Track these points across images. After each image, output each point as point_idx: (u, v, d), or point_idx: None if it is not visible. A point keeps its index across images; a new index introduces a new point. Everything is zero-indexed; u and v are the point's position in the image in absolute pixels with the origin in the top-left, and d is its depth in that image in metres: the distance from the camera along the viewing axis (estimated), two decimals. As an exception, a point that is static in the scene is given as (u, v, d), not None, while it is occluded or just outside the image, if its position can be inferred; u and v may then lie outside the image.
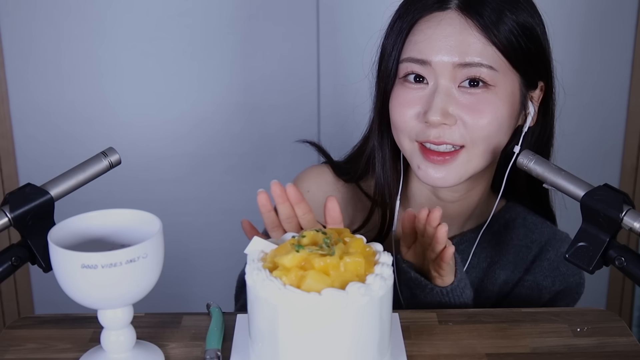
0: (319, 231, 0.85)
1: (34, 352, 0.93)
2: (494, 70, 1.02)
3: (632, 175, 2.23)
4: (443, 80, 1.02)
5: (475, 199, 1.15)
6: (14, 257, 0.87)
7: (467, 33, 1.01)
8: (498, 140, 1.05)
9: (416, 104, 1.04)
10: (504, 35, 1.02)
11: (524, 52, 1.04)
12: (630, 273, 0.86)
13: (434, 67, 1.02)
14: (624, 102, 2.18)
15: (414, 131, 1.04)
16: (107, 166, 0.94)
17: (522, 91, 1.07)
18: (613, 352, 0.92)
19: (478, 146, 1.04)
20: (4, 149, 2.16)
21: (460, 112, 1.02)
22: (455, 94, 1.02)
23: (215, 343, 0.90)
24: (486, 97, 1.02)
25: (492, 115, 1.02)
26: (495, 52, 1.02)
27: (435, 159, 1.04)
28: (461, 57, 1.01)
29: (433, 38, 1.02)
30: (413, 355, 0.91)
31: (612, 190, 0.87)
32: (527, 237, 1.18)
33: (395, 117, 1.06)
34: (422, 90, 1.04)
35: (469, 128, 1.02)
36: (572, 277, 1.16)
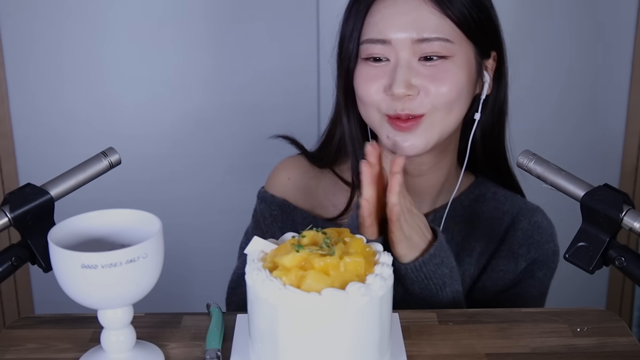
0: (318, 231, 0.85)
1: (34, 352, 0.93)
2: (450, 43, 1.07)
3: (632, 175, 2.23)
4: (403, 54, 1.07)
5: (444, 172, 1.19)
6: (14, 257, 0.87)
7: (422, 9, 1.06)
8: (459, 106, 1.10)
9: (380, 78, 1.08)
10: (457, 8, 1.07)
11: (476, 23, 1.10)
12: (630, 273, 0.86)
13: (394, 45, 1.07)
14: (624, 102, 2.18)
15: (382, 105, 1.09)
16: (107, 166, 0.94)
17: (477, 60, 1.12)
18: (613, 352, 0.92)
19: (440, 111, 1.08)
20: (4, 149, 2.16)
21: (422, 82, 1.07)
22: (416, 66, 1.07)
23: (215, 343, 0.90)
24: (445, 66, 1.07)
25: (452, 82, 1.07)
26: (449, 24, 1.07)
27: (401, 125, 1.08)
28: (418, 33, 1.06)
29: (390, 17, 1.07)
30: (413, 355, 0.91)
31: (612, 190, 0.87)
32: (498, 209, 1.22)
33: (361, 93, 1.11)
34: (384, 66, 1.09)
35: (431, 96, 1.07)
36: (546, 244, 1.20)
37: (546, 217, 1.23)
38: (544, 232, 1.20)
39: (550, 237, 1.21)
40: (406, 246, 1.02)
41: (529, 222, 1.20)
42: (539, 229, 1.20)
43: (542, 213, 1.23)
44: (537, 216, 1.21)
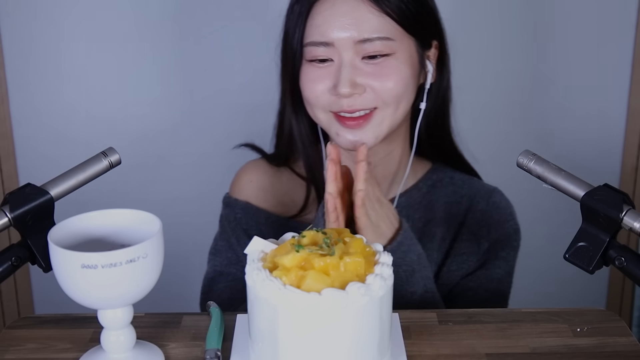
0: (319, 231, 0.85)
1: (34, 352, 0.93)
2: (391, 40, 1.09)
3: (632, 175, 2.23)
4: (346, 55, 1.09)
5: (395, 161, 1.21)
6: (14, 257, 0.87)
7: (361, 8, 1.08)
8: (406, 98, 1.13)
9: (325, 79, 1.10)
10: (395, 5, 1.09)
11: (415, 17, 1.11)
12: (630, 273, 0.86)
13: (337, 46, 1.09)
14: (624, 102, 2.18)
15: (327, 103, 1.10)
16: (107, 166, 0.94)
17: (419, 52, 1.14)
18: (613, 352, 0.92)
19: (389, 106, 1.10)
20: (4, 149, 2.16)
21: (367, 80, 1.09)
22: (359, 65, 1.09)
23: (215, 343, 0.90)
24: (389, 63, 1.09)
25: (397, 77, 1.10)
26: (389, 22, 1.09)
27: (351, 123, 1.10)
28: (360, 34, 1.08)
29: (331, 19, 1.08)
30: (413, 355, 0.91)
31: (612, 190, 0.87)
32: (456, 193, 1.24)
33: (307, 94, 1.12)
34: (329, 66, 1.10)
35: (378, 93, 1.09)
36: (506, 223, 1.22)
37: (504, 197, 1.25)
38: (503, 212, 1.22)
39: (510, 216, 1.23)
40: (372, 233, 1.04)
41: (487, 203, 1.22)
42: (498, 209, 1.22)
43: (499, 193, 1.25)
44: (494, 196, 1.23)
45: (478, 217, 1.22)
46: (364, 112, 1.10)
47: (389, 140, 1.17)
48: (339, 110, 1.10)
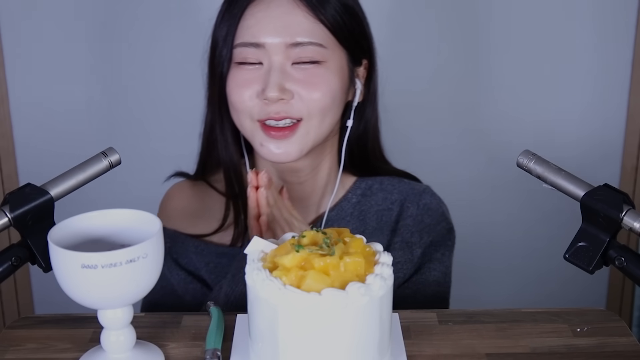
0: (318, 231, 0.85)
1: (34, 352, 0.93)
2: (323, 48, 1.08)
3: (632, 175, 2.23)
4: (277, 59, 1.07)
5: (323, 176, 1.20)
6: (14, 257, 0.87)
7: (295, 13, 1.07)
8: (332, 112, 1.11)
9: (253, 83, 1.08)
10: (330, 14, 1.08)
11: (348, 30, 1.11)
12: (630, 273, 0.86)
13: (267, 49, 1.07)
14: (624, 102, 2.18)
15: (255, 110, 1.09)
16: (107, 166, 0.94)
17: (350, 67, 1.14)
18: (613, 352, 0.92)
19: (315, 118, 1.09)
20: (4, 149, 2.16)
21: (296, 86, 1.07)
22: (289, 70, 1.08)
23: (215, 343, 0.90)
24: (319, 72, 1.08)
25: (325, 88, 1.08)
26: (323, 29, 1.08)
27: (276, 134, 1.08)
28: (292, 37, 1.06)
29: (264, 21, 1.07)
30: (413, 355, 0.91)
31: (612, 190, 0.87)
32: (386, 199, 1.22)
33: (234, 99, 1.10)
34: (258, 70, 1.08)
35: (305, 101, 1.07)
36: (438, 225, 1.20)
37: (435, 196, 1.23)
38: (434, 214, 1.21)
39: (442, 217, 1.21)
40: None
41: (417, 207, 1.21)
42: (429, 211, 1.20)
43: (430, 193, 1.23)
44: (425, 198, 1.21)
45: (409, 223, 1.19)
46: (290, 122, 1.08)
47: (315, 155, 1.15)
48: (265, 118, 1.08)
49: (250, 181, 1.03)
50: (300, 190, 1.18)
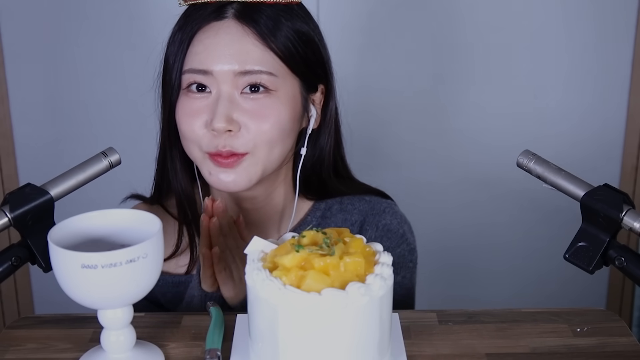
0: (319, 231, 0.85)
1: (34, 352, 0.93)
2: (273, 76, 1.05)
3: (632, 175, 2.23)
4: (225, 88, 1.04)
5: (279, 202, 1.17)
6: (14, 257, 0.87)
7: (245, 41, 1.04)
8: (281, 143, 1.08)
9: (202, 113, 1.05)
10: (281, 42, 1.05)
11: (301, 57, 1.07)
12: (630, 273, 0.86)
13: (216, 76, 1.04)
14: (624, 102, 2.18)
15: (203, 141, 1.06)
16: (107, 166, 0.94)
17: (303, 94, 1.10)
18: (613, 352, 0.92)
19: (261, 150, 1.06)
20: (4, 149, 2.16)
21: (243, 117, 1.04)
22: (238, 100, 1.04)
23: (215, 343, 0.90)
24: (268, 102, 1.05)
25: (274, 119, 1.05)
26: (273, 58, 1.05)
27: (223, 162, 1.05)
28: (241, 65, 1.03)
29: (212, 48, 1.04)
30: (413, 355, 0.91)
31: (612, 190, 0.87)
32: (346, 221, 1.19)
33: (183, 128, 1.07)
34: (206, 99, 1.06)
35: (252, 133, 1.04)
36: (398, 247, 1.17)
37: (396, 215, 1.19)
38: (394, 235, 1.17)
39: (402, 238, 1.18)
40: (232, 289, 1.03)
41: (376, 229, 1.17)
42: (388, 233, 1.17)
43: (390, 213, 1.19)
44: (385, 218, 1.18)
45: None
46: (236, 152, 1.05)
47: (269, 182, 1.13)
48: (213, 152, 1.05)
49: (205, 209, 1.02)
50: (257, 216, 1.16)
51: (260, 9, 1.05)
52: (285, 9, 1.06)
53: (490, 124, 2.19)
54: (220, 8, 1.05)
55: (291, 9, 1.07)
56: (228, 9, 1.05)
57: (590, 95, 2.17)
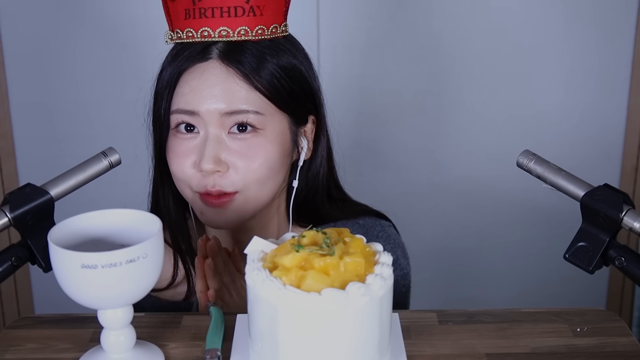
0: (318, 231, 0.85)
1: (34, 352, 0.93)
2: (260, 115, 1.05)
3: (632, 175, 2.23)
4: (212, 129, 1.04)
5: (273, 232, 1.18)
6: (14, 257, 0.87)
7: (230, 81, 1.04)
8: (272, 181, 1.08)
9: (191, 154, 1.06)
10: (266, 80, 1.05)
11: (288, 93, 1.07)
12: (630, 273, 0.86)
13: (203, 117, 1.04)
14: (624, 102, 2.19)
15: (193, 182, 1.06)
16: (107, 166, 0.94)
17: (292, 129, 1.10)
18: (613, 352, 0.92)
19: (251, 189, 1.06)
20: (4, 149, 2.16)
21: (232, 158, 1.05)
22: (225, 140, 1.05)
23: (215, 343, 0.90)
24: (256, 141, 1.05)
25: (262, 158, 1.05)
26: (259, 97, 1.05)
27: (214, 201, 1.06)
28: (227, 105, 1.03)
29: (198, 89, 1.04)
30: (413, 355, 0.91)
31: (612, 190, 0.87)
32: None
33: (174, 169, 1.08)
34: (194, 139, 1.06)
35: (241, 173, 1.05)
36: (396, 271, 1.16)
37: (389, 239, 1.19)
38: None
39: (394, 264, 1.16)
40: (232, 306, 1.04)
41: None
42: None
43: (384, 237, 1.19)
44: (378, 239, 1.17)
45: None
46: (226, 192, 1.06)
47: (262, 216, 1.13)
48: (202, 192, 1.06)
49: (199, 249, 1.02)
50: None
51: (244, 48, 1.04)
52: (271, 45, 1.06)
53: (490, 124, 2.19)
54: (205, 48, 1.05)
55: (277, 44, 1.07)
56: (212, 50, 1.05)
57: (590, 95, 2.17)
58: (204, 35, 1.04)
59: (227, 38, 1.04)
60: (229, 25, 1.03)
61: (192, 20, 1.04)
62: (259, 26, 1.04)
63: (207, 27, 1.04)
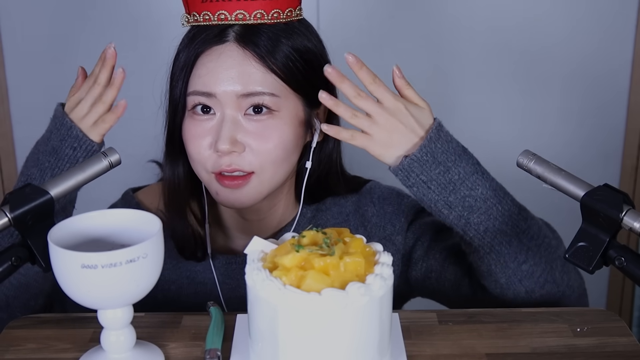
0: (319, 231, 0.85)
1: (34, 352, 0.93)
2: (275, 97, 1.06)
3: (632, 175, 2.23)
4: (229, 110, 1.06)
5: (281, 211, 1.19)
6: (14, 257, 0.87)
7: (246, 63, 1.05)
8: (287, 162, 1.10)
9: (207, 135, 1.07)
10: (281, 62, 1.06)
11: (302, 76, 1.08)
12: (630, 273, 0.86)
13: (219, 98, 1.05)
14: (624, 102, 2.18)
15: (209, 162, 1.07)
16: (107, 166, 0.95)
17: (307, 111, 1.11)
18: (613, 352, 0.92)
19: (267, 170, 1.08)
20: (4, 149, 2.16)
21: (247, 139, 1.06)
22: (241, 121, 1.06)
23: (215, 343, 0.90)
24: (271, 123, 1.06)
25: (277, 140, 1.07)
26: (275, 79, 1.06)
27: (229, 183, 1.07)
28: (244, 87, 1.05)
29: (215, 71, 1.06)
30: (413, 355, 0.91)
31: (612, 190, 0.87)
32: (342, 213, 1.21)
33: (190, 149, 1.09)
34: (210, 120, 1.07)
35: (256, 153, 1.06)
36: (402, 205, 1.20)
37: (382, 186, 1.23)
38: (391, 198, 1.21)
39: (400, 196, 1.21)
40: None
41: (373, 204, 1.21)
42: (386, 200, 1.20)
43: (377, 186, 1.23)
44: (374, 192, 1.21)
45: (376, 222, 1.19)
46: (242, 173, 1.07)
47: (273, 196, 1.14)
48: (218, 170, 1.07)
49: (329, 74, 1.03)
50: (260, 226, 1.18)
51: (260, 31, 1.06)
52: (286, 28, 1.08)
53: (489, 124, 2.19)
54: (222, 31, 1.06)
55: (292, 27, 1.09)
56: (229, 32, 1.06)
57: (591, 95, 2.17)
58: (220, 18, 1.06)
59: (243, 21, 1.05)
60: (245, 9, 1.05)
61: (209, 3, 1.06)
62: (275, 9, 1.06)
63: (224, 10, 1.06)
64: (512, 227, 1.05)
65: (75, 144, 1.07)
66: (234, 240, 1.20)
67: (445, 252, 1.17)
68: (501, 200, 1.05)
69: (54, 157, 1.06)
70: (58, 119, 1.11)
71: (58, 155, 1.06)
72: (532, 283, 1.05)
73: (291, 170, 1.13)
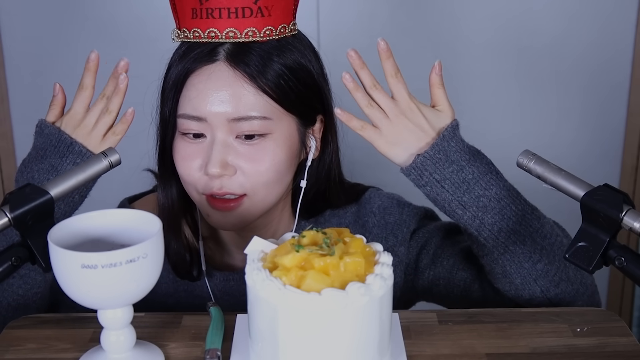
0: (318, 231, 0.85)
1: (34, 352, 0.93)
2: (267, 120, 1.03)
3: (632, 175, 2.23)
4: (220, 133, 1.03)
5: (278, 228, 1.17)
6: (14, 257, 0.87)
7: (237, 85, 1.02)
8: (279, 184, 1.07)
9: (198, 157, 1.05)
10: (273, 82, 1.03)
11: (296, 95, 1.06)
12: (630, 273, 0.86)
13: (209, 122, 1.03)
14: (624, 102, 2.18)
15: (200, 184, 1.05)
16: (107, 166, 0.94)
17: (301, 131, 1.09)
18: (613, 352, 0.92)
19: (259, 193, 1.05)
20: (4, 149, 2.16)
21: (239, 161, 1.03)
22: (233, 144, 1.04)
23: (215, 343, 0.90)
24: (263, 145, 1.04)
25: (270, 162, 1.04)
26: (267, 100, 1.03)
27: (221, 206, 1.05)
28: (234, 110, 1.02)
29: (205, 93, 1.03)
30: (413, 355, 0.91)
31: (612, 190, 0.87)
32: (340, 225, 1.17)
33: (181, 171, 1.07)
34: (201, 143, 1.05)
35: (248, 176, 1.04)
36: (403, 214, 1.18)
37: (381, 195, 1.20)
38: (392, 208, 1.18)
39: (400, 206, 1.18)
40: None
41: (374, 214, 1.18)
42: (386, 210, 1.18)
43: (377, 194, 1.20)
44: (374, 202, 1.18)
45: (377, 233, 1.16)
46: (233, 196, 1.05)
47: (267, 215, 1.12)
48: (209, 193, 1.05)
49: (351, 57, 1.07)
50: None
51: (251, 49, 1.03)
52: (278, 45, 1.05)
53: (490, 124, 2.19)
54: (212, 50, 1.03)
55: (284, 44, 1.05)
56: (219, 51, 1.03)
57: (590, 95, 2.17)
58: (210, 36, 1.03)
59: (234, 39, 1.03)
60: (236, 27, 1.02)
61: (199, 20, 1.03)
62: (267, 27, 1.03)
63: (214, 28, 1.03)
64: (526, 227, 1.04)
65: (78, 160, 1.05)
66: (233, 256, 1.18)
67: (453, 258, 1.15)
68: (514, 200, 1.04)
69: (54, 175, 1.04)
70: (52, 135, 1.08)
71: (59, 172, 1.04)
72: (547, 282, 1.04)
73: (285, 191, 1.10)
